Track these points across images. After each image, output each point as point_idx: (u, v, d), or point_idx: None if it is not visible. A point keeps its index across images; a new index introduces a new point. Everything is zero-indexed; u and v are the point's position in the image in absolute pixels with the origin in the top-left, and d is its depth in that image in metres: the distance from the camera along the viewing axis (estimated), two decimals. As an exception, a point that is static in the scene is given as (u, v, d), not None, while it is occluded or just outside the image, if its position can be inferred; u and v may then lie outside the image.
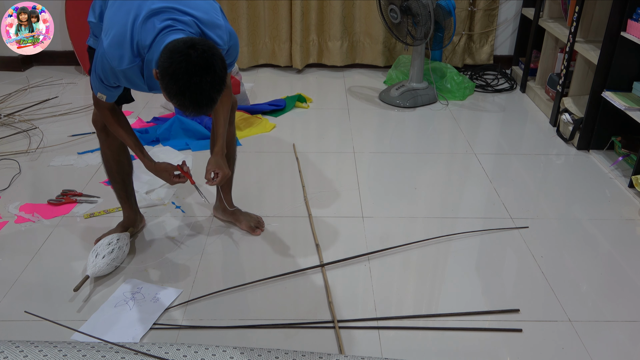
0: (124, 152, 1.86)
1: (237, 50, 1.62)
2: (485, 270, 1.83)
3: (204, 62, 1.30)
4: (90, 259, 1.74)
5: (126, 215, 1.97)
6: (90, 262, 1.73)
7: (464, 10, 3.63)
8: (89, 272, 1.71)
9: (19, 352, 1.27)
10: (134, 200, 1.97)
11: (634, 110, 2.30)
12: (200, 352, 1.32)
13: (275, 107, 3.10)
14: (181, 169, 1.73)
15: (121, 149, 1.84)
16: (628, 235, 2.02)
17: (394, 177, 2.43)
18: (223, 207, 2.04)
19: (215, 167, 1.71)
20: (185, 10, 1.44)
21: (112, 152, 1.81)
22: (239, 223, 2.03)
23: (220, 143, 1.74)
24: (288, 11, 3.64)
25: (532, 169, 2.52)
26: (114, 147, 1.81)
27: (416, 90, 3.24)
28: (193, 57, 1.29)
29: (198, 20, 1.45)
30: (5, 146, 2.64)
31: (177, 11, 1.43)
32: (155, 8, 1.41)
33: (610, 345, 1.52)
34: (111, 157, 1.83)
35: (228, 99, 1.75)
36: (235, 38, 1.58)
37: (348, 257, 1.87)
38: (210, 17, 1.48)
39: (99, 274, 1.73)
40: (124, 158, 1.86)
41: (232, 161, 1.96)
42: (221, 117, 1.74)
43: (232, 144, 1.93)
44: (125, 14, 1.43)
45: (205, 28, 1.47)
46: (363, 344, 1.52)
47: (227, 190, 2.02)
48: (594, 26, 2.72)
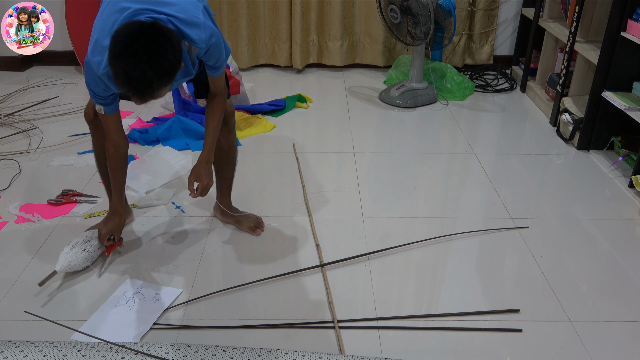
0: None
1: (221, 51, 1.59)
2: (485, 270, 1.83)
3: (151, 36, 1.28)
4: (63, 253, 1.74)
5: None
6: (63, 256, 1.73)
7: (464, 10, 3.63)
8: (57, 267, 1.71)
9: (19, 352, 1.27)
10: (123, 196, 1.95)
11: (634, 110, 2.30)
12: (200, 352, 1.32)
13: (275, 107, 3.10)
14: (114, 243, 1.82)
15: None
16: (628, 235, 2.02)
17: (394, 177, 2.43)
18: (220, 209, 2.04)
19: (195, 177, 1.70)
20: (161, 10, 1.43)
21: (102, 146, 1.80)
22: (238, 224, 2.02)
23: (206, 151, 1.71)
24: (288, 11, 3.63)
25: (532, 169, 2.52)
26: (103, 141, 1.79)
27: (416, 90, 3.24)
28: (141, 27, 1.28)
29: (174, 18, 1.44)
30: (5, 146, 2.64)
31: (153, 12, 1.42)
32: (133, 10, 1.41)
33: (610, 345, 1.52)
34: (101, 150, 1.82)
35: (220, 106, 1.73)
36: (218, 38, 1.54)
37: (348, 257, 1.87)
38: (189, 15, 1.46)
39: (68, 269, 1.72)
40: None
41: (231, 166, 1.96)
42: (210, 125, 1.72)
43: (231, 150, 1.93)
44: (106, 19, 1.44)
45: (181, 25, 1.44)
46: (363, 344, 1.52)
47: (225, 193, 2.01)
48: (594, 26, 2.72)
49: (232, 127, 1.89)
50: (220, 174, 1.96)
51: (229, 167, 1.96)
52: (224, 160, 1.92)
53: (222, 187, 2.00)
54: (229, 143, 1.90)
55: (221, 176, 1.96)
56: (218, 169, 1.94)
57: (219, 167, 1.93)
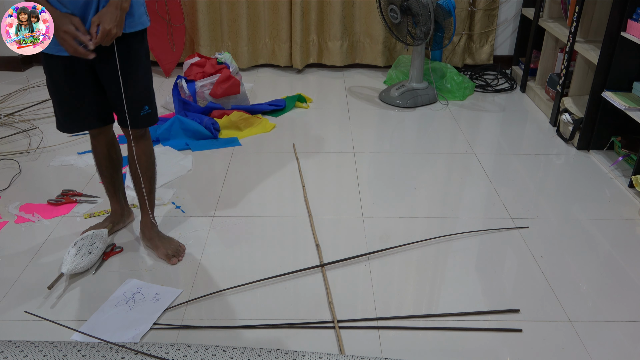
0: (113, 146, 1.85)
1: None
2: (485, 270, 1.83)
3: None
4: (69, 255, 1.74)
5: (113, 209, 1.97)
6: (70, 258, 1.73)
7: (464, 10, 3.63)
8: (64, 269, 1.71)
9: (19, 352, 1.27)
10: (122, 195, 1.97)
11: (634, 110, 2.30)
12: (200, 352, 1.32)
13: (275, 107, 3.11)
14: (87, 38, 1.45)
15: (110, 143, 1.83)
16: (628, 235, 2.02)
17: (394, 177, 2.43)
18: (142, 229, 1.91)
19: (99, 19, 1.45)
20: None
21: (102, 146, 1.82)
22: (156, 250, 1.86)
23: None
24: (288, 11, 3.63)
25: (532, 169, 2.52)
26: (102, 141, 1.81)
27: (416, 90, 3.24)
28: None
29: None
30: (5, 146, 2.64)
31: None
32: None
33: (610, 345, 1.52)
34: (100, 151, 1.83)
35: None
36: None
37: (348, 257, 1.87)
38: None
39: (75, 271, 1.73)
40: (113, 153, 1.86)
41: (146, 178, 1.81)
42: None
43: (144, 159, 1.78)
44: None
45: None
46: (363, 344, 1.52)
47: (144, 210, 1.88)
48: (594, 26, 2.72)
49: (145, 133, 1.76)
50: (137, 187, 1.83)
51: (144, 177, 1.80)
52: (138, 170, 1.78)
53: (141, 203, 1.87)
54: (139, 149, 1.75)
55: (138, 190, 1.84)
56: (134, 181, 1.82)
57: (135, 179, 1.81)
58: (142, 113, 1.69)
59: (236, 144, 2.72)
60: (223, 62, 3.08)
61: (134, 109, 1.66)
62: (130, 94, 1.63)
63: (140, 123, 1.70)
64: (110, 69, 1.58)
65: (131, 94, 1.63)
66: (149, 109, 1.70)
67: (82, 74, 1.62)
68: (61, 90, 1.64)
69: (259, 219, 2.10)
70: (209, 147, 2.67)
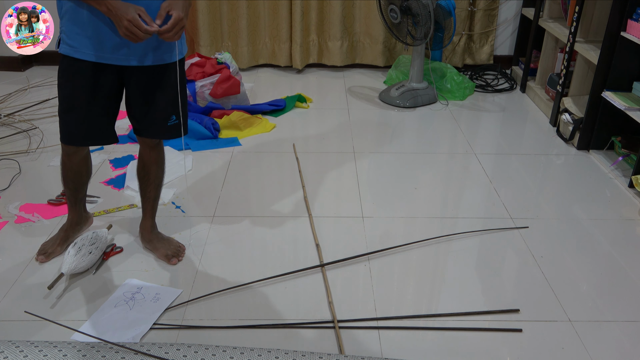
0: (86, 163, 1.79)
1: None
2: (485, 270, 1.83)
3: None
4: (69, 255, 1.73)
5: (70, 217, 1.89)
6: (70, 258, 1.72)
7: (464, 10, 3.63)
8: (64, 269, 1.70)
9: (19, 352, 1.27)
10: (81, 205, 1.90)
11: (634, 110, 2.30)
12: (200, 352, 1.32)
13: (275, 107, 3.10)
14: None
15: (83, 161, 1.76)
16: (628, 235, 2.02)
17: (394, 177, 2.43)
18: (142, 231, 1.91)
19: (168, 6, 1.41)
20: None
21: (72, 162, 1.74)
22: (155, 251, 1.87)
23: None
24: (288, 11, 3.63)
25: (532, 169, 2.52)
26: (75, 159, 1.74)
27: (416, 90, 3.24)
28: None
29: None
30: (5, 146, 2.64)
31: None
32: None
33: (610, 345, 1.52)
34: (70, 168, 1.75)
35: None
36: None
37: (348, 257, 1.87)
38: None
39: (75, 271, 1.73)
40: (84, 169, 1.79)
41: (154, 185, 1.83)
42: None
43: (155, 166, 1.81)
44: None
45: None
46: (363, 344, 1.52)
47: (148, 214, 1.88)
48: (594, 26, 2.72)
49: (160, 142, 1.78)
50: (143, 192, 1.84)
51: (152, 185, 1.82)
52: (147, 177, 1.81)
53: (145, 208, 1.88)
54: (151, 158, 1.78)
55: (143, 195, 1.85)
56: (141, 186, 1.84)
57: (142, 184, 1.83)
58: (170, 123, 1.68)
59: (236, 144, 2.73)
60: (223, 62, 3.08)
61: (161, 120, 1.66)
62: (162, 105, 1.62)
63: (166, 134, 1.70)
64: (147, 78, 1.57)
65: (162, 103, 1.62)
66: (175, 119, 1.69)
67: (108, 84, 1.56)
68: (79, 97, 1.56)
69: (259, 219, 2.10)
70: (209, 147, 2.67)
